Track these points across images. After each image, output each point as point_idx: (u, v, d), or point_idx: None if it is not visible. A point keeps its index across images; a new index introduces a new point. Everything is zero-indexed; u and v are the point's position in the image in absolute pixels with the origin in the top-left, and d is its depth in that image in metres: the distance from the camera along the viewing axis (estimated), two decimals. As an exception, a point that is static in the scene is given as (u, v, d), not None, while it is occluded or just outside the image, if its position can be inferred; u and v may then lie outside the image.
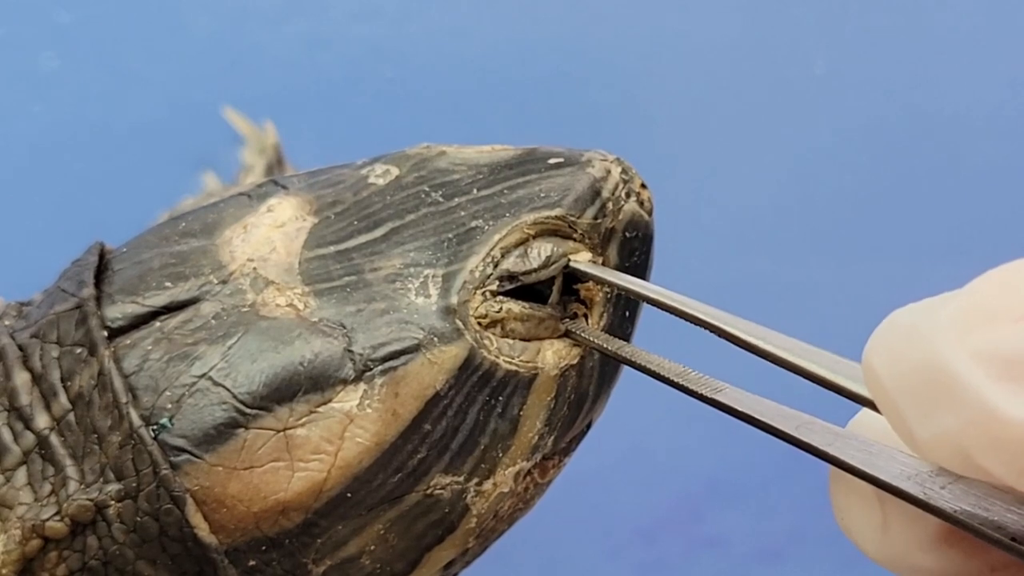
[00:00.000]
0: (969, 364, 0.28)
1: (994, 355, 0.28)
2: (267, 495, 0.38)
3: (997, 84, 0.78)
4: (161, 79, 0.77)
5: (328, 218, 0.41)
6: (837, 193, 0.76)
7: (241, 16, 0.79)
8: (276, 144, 0.65)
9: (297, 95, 0.77)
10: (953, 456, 0.29)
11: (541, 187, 0.40)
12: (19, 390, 0.39)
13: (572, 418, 0.41)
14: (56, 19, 0.78)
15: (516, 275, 0.39)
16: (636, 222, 0.41)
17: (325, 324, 0.38)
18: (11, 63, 0.77)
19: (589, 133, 0.76)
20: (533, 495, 0.42)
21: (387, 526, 0.39)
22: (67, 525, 0.38)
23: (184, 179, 0.71)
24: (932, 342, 0.28)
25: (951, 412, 0.28)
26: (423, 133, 0.77)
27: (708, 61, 0.78)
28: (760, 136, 0.77)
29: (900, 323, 0.30)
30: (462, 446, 0.39)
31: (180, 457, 0.37)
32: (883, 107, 0.77)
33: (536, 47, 0.78)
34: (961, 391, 0.28)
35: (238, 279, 0.40)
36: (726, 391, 0.36)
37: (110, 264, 0.41)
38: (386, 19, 0.79)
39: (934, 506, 0.31)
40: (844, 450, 0.34)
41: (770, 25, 0.79)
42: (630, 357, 0.39)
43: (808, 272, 0.74)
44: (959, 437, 0.28)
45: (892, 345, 0.30)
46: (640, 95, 0.78)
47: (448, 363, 0.38)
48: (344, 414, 0.37)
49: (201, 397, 0.38)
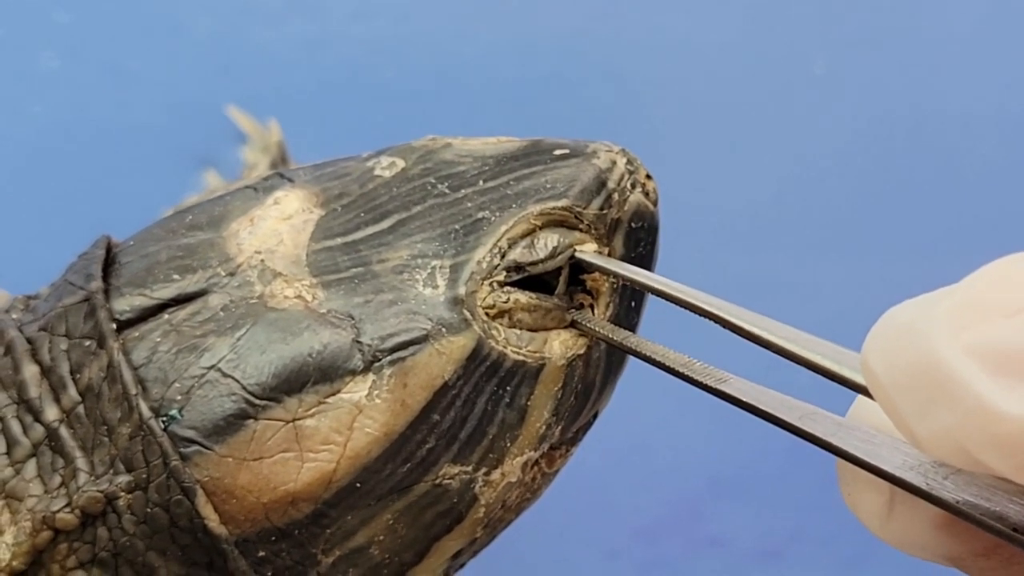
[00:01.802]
0: (964, 360, 0.28)
1: (989, 351, 0.28)
2: (277, 486, 0.38)
3: (997, 84, 0.78)
4: (161, 79, 0.77)
5: (335, 210, 0.41)
6: (837, 192, 0.76)
7: (241, 16, 0.79)
8: (280, 142, 0.65)
9: (297, 95, 0.77)
10: (952, 451, 0.29)
11: (547, 178, 0.40)
12: (28, 383, 0.39)
13: (579, 408, 0.41)
14: (56, 19, 0.78)
15: (523, 266, 0.39)
16: (641, 212, 0.41)
17: (333, 315, 0.38)
18: (11, 63, 0.77)
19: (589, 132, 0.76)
20: (540, 485, 0.42)
21: (396, 516, 0.39)
22: (77, 517, 0.38)
23: (184, 179, 0.71)
24: (927, 339, 0.29)
25: (948, 409, 0.28)
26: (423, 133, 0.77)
27: (708, 60, 0.78)
28: (760, 135, 0.77)
29: (896, 321, 0.30)
30: (470, 436, 0.39)
31: (190, 448, 0.38)
32: (883, 107, 0.78)
33: (536, 47, 0.78)
34: (957, 387, 0.28)
35: (246, 271, 0.40)
36: (730, 381, 0.36)
37: (117, 257, 0.41)
38: (386, 19, 0.79)
39: (936, 496, 0.32)
40: (847, 440, 0.34)
41: (770, 25, 0.79)
42: (635, 347, 0.39)
43: (808, 271, 0.74)
44: (957, 433, 0.28)
45: (888, 343, 0.30)
46: (640, 94, 0.78)
47: (456, 353, 0.38)
48: (353, 404, 0.38)
49: (210, 388, 0.38)
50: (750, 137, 0.77)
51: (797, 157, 0.76)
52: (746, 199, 0.76)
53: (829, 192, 0.76)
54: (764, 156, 0.76)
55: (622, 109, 0.78)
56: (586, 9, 0.79)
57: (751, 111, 0.77)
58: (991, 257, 0.30)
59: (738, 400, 0.36)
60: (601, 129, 0.76)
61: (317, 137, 0.75)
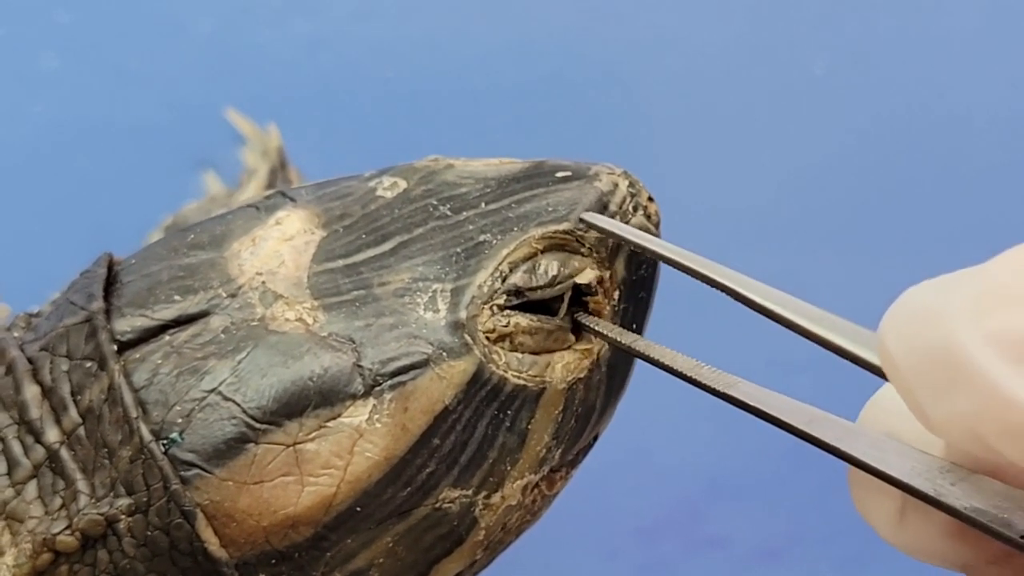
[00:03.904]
0: (983, 348, 0.28)
1: (1008, 339, 0.28)
2: (277, 509, 0.38)
3: (997, 84, 0.78)
4: (161, 79, 0.77)
5: (337, 231, 0.41)
6: (837, 193, 0.76)
7: (241, 16, 0.79)
8: (279, 147, 0.65)
9: (297, 95, 0.77)
10: (966, 437, 0.29)
11: (549, 201, 0.40)
12: (29, 403, 0.39)
13: (579, 431, 0.41)
14: (56, 19, 0.78)
15: (523, 290, 0.39)
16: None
17: (334, 339, 0.38)
18: (11, 63, 0.77)
19: (589, 132, 0.76)
20: (540, 507, 0.42)
21: (396, 539, 0.39)
22: (78, 539, 0.38)
23: (184, 179, 0.71)
24: (947, 324, 0.29)
25: (964, 395, 0.29)
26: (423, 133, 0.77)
27: (708, 61, 0.78)
28: (760, 136, 0.77)
29: (915, 303, 0.30)
30: (471, 460, 0.39)
31: (190, 472, 0.38)
32: (883, 107, 0.78)
33: (536, 47, 0.78)
34: (975, 375, 0.28)
35: (247, 293, 0.40)
36: (739, 386, 0.36)
37: (119, 276, 0.41)
38: (386, 19, 0.79)
39: (945, 503, 0.32)
40: (856, 446, 0.34)
41: (770, 25, 0.79)
42: (644, 351, 0.39)
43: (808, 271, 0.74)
44: (972, 420, 0.29)
45: (907, 325, 0.30)
46: (640, 95, 0.78)
47: (457, 378, 0.38)
48: (353, 429, 0.38)
49: (211, 412, 0.38)
50: (750, 137, 0.77)
51: (797, 157, 0.76)
52: (746, 199, 0.76)
53: (829, 192, 0.76)
54: (764, 156, 0.76)
55: (622, 109, 0.77)
56: (586, 9, 0.79)
57: (751, 112, 0.77)
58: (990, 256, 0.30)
59: (747, 405, 0.36)
60: (601, 129, 0.76)
61: (317, 137, 0.75)
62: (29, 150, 0.75)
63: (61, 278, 0.54)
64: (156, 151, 0.75)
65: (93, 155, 0.75)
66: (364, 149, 0.76)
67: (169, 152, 0.74)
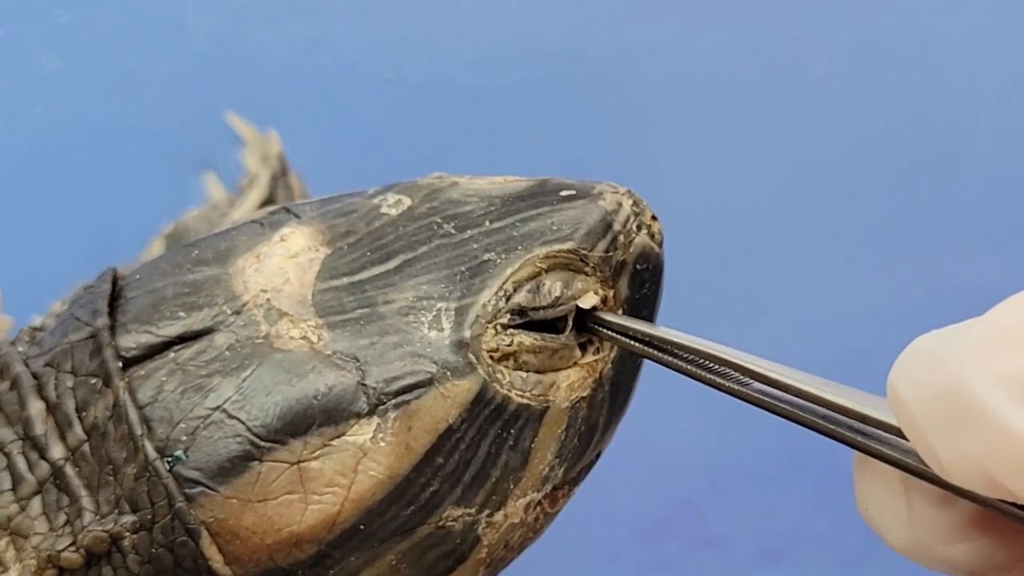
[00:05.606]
0: (992, 389, 0.29)
1: (1016, 380, 0.29)
2: (281, 527, 0.38)
3: (997, 85, 0.78)
4: (161, 79, 0.77)
5: (341, 249, 0.41)
6: (837, 193, 0.76)
7: (241, 16, 0.79)
8: (280, 153, 0.65)
9: (297, 95, 0.77)
10: (978, 478, 0.30)
11: (553, 220, 0.40)
12: (34, 419, 0.40)
13: (582, 449, 0.41)
14: (56, 19, 0.78)
15: (527, 310, 0.39)
16: (647, 254, 0.41)
17: (339, 357, 0.39)
18: (11, 63, 0.77)
19: (588, 133, 0.76)
20: (543, 524, 0.42)
21: (399, 557, 0.39)
22: (82, 556, 0.38)
23: (184, 179, 0.71)
24: (955, 367, 0.29)
25: (975, 435, 0.29)
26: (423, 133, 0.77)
27: (708, 62, 0.78)
28: (760, 137, 0.77)
29: (924, 349, 0.31)
30: (474, 479, 0.39)
31: (195, 489, 0.38)
32: (883, 107, 0.78)
33: (536, 47, 0.78)
34: (984, 415, 0.29)
35: (252, 310, 0.40)
36: (753, 383, 0.37)
37: (123, 292, 0.41)
38: (386, 19, 0.79)
39: (965, 489, 0.32)
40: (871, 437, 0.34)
41: (770, 25, 0.79)
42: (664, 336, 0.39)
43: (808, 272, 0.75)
44: (983, 460, 0.29)
45: (916, 371, 0.31)
46: (639, 95, 0.78)
47: (461, 397, 0.38)
48: (358, 447, 0.38)
49: (216, 429, 0.38)
50: (750, 138, 0.77)
51: (797, 158, 0.77)
52: (745, 199, 0.76)
53: (829, 192, 0.76)
54: (764, 157, 0.77)
55: (621, 109, 0.78)
56: (586, 10, 0.79)
57: (751, 112, 0.77)
58: (991, 258, 0.30)
59: (762, 401, 0.36)
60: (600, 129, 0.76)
61: (317, 137, 0.75)
62: (29, 150, 0.75)
63: (60, 279, 0.54)
64: (156, 151, 0.75)
65: (93, 155, 0.75)
66: (364, 149, 0.76)
67: (169, 152, 0.74)
